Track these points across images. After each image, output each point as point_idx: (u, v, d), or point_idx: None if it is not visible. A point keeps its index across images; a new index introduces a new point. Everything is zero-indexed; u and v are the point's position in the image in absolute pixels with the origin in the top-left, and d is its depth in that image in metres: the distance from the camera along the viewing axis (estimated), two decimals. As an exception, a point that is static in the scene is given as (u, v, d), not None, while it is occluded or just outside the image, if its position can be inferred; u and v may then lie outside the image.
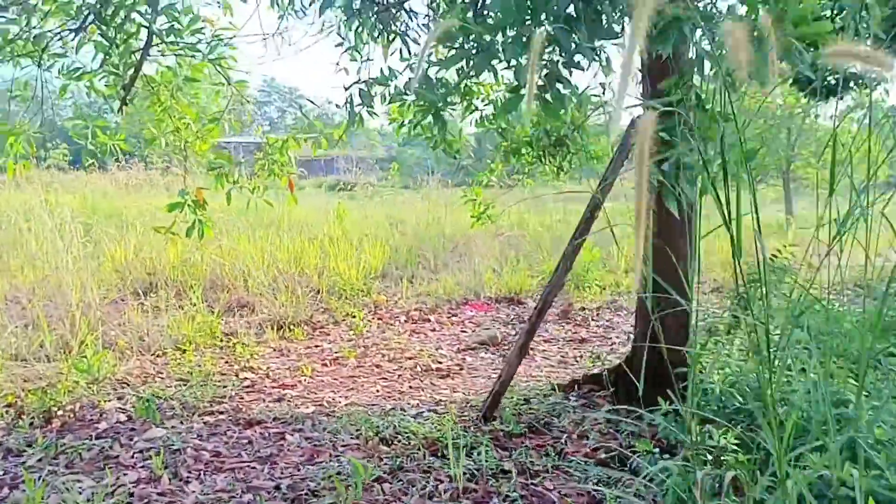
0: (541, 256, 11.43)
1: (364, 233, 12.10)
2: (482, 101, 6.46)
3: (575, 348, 7.26)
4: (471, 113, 6.35)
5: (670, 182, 3.76)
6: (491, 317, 8.76)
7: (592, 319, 8.55)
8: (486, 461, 3.90)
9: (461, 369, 6.46)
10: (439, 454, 4.14)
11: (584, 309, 8.98)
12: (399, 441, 4.37)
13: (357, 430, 4.58)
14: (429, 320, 8.51)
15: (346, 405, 5.31)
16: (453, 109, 5.44)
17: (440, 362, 6.66)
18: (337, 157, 27.19)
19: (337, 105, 5.33)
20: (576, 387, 5.16)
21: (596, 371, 5.36)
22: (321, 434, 4.57)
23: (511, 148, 7.10)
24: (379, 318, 8.45)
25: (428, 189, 18.10)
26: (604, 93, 6.84)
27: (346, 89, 4.85)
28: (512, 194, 9.22)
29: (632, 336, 7.47)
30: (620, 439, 4.27)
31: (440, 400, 5.44)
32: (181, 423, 4.87)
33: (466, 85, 5.88)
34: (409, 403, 5.33)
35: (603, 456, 4.09)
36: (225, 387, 5.70)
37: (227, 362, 6.47)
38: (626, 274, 11.01)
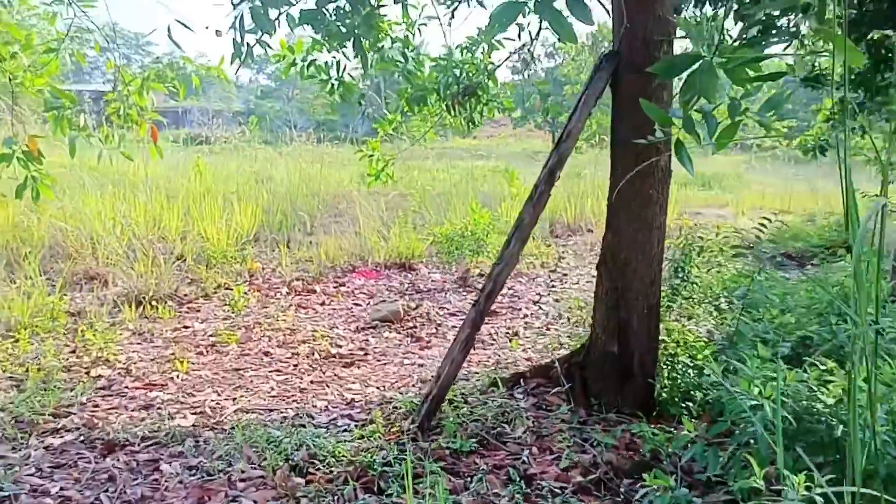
0: (429, 216, 10.42)
1: (230, 191, 10.66)
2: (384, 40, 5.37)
3: (486, 322, 6.33)
4: (377, 52, 5.23)
5: (689, 131, 2.84)
6: (383, 285, 7.70)
7: (494, 287, 7.65)
8: (442, 501, 2.89)
9: (366, 354, 5.38)
10: (375, 489, 3.09)
11: (482, 275, 8.07)
12: (317, 469, 3.27)
13: (259, 454, 3.44)
14: (314, 291, 7.34)
15: (235, 412, 4.13)
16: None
17: (339, 345, 5.55)
18: (191, 109, 24.94)
19: (218, 31, 4.07)
20: (521, 381, 4.21)
21: (545, 362, 4.43)
22: (209, 461, 3.40)
23: (415, 95, 6.01)
24: (257, 290, 7.20)
25: (293, 145, 16.66)
26: (519, 35, 5.90)
27: (235, 6, 3.60)
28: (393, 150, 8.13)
29: (545, 309, 6.67)
30: (594, 453, 3.37)
31: (353, 399, 4.36)
32: (13, 449, 3.55)
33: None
34: (315, 406, 4.22)
35: (580, 479, 3.17)
36: (73, 389, 4.37)
37: (74, 353, 5.10)
38: (516, 236, 10.21)
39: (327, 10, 3.80)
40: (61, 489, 3.14)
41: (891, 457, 2.32)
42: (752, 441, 2.68)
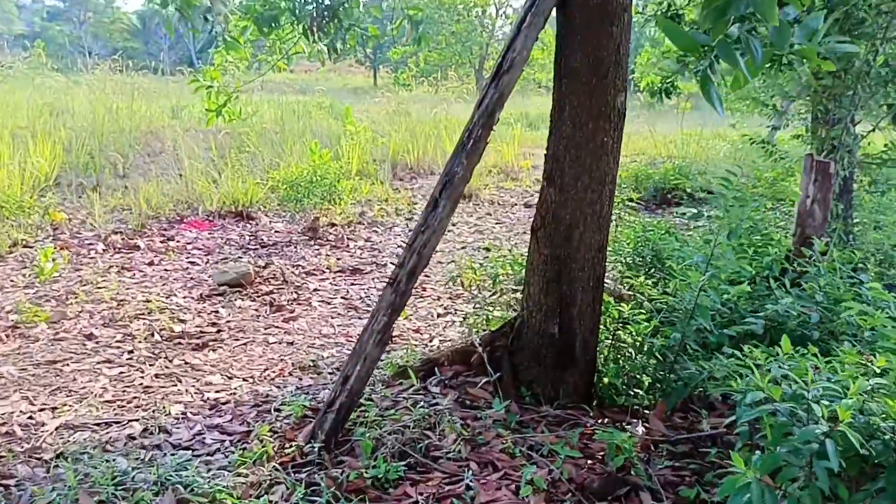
0: (263, 157, 9.18)
1: (19, 126, 8.84)
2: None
3: (353, 283, 5.44)
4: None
5: (730, 60, 2.10)
6: (220, 238, 6.54)
7: (348, 238, 6.72)
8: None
9: (219, 331, 4.32)
10: (282, 551, 2.19)
11: (333, 225, 7.10)
12: (194, 524, 2.31)
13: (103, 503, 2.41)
14: (138, 248, 6.06)
15: (58, 430, 3.01)
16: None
17: (183, 320, 4.44)
18: (-37, 30, 21.28)
19: None
20: (435, 370, 3.38)
21: (460, 345, 3.59)
22: (30, 519, 2.34)
23: (267, 15, 4.89)
24: (65, 247, 5.82)
25: (92, 74, 14.41)
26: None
27: None
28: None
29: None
30: (548, 467, 2.64)
31: (217, 401, 3.35)
32: None
33: None
34: (169, 415, 3.18)
35: (546, 509, 2.44)
36: None
37: None
38: (358, 178, 9.26)
39: None
40: None
41: None
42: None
